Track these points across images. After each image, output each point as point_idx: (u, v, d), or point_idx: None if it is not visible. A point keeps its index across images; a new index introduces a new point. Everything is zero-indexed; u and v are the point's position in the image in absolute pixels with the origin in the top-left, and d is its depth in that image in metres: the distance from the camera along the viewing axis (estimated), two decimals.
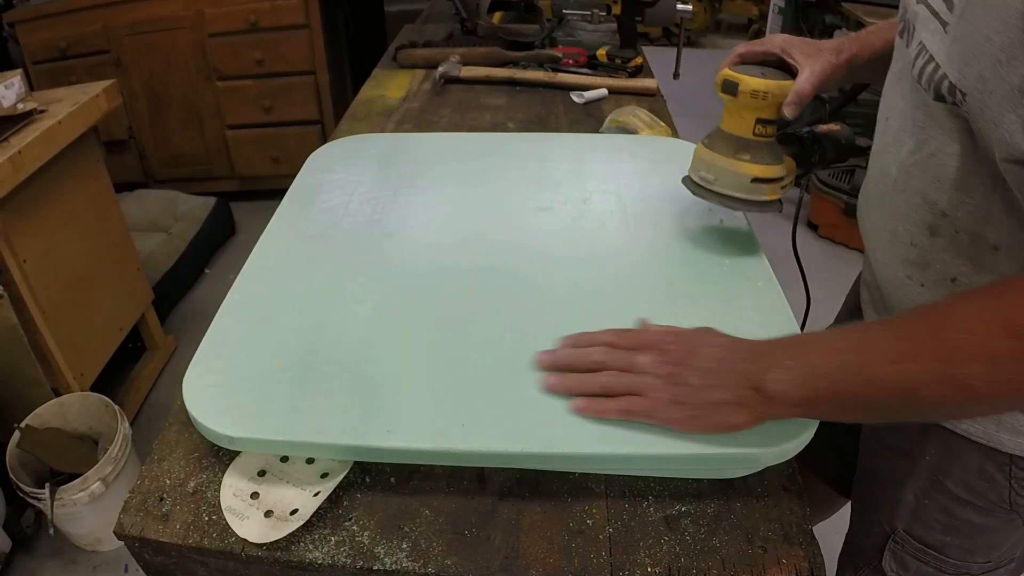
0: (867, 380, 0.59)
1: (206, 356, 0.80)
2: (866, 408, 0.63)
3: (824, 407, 0.63)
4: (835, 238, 3.04)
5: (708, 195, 0.91)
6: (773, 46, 0.89)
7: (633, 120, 1.36)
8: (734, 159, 0.88)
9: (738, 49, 0.90)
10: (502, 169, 1.17)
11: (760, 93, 0.84)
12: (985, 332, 0.56)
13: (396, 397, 0.73)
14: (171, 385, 2.36)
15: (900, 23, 0.77)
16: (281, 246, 0.99)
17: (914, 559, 0.89)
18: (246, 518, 0.67)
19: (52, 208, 1.84)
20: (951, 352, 0.57)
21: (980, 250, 0.68)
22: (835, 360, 0.61)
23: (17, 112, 1.69)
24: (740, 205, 0.89)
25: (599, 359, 0.71)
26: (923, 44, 0.66)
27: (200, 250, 2.89)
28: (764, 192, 0.89)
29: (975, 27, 0.58)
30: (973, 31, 0.58)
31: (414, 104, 1.65)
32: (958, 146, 0.66)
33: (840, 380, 0.60)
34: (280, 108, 3.11)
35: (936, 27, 0.64)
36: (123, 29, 2.90)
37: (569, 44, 1.93)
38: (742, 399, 0.63)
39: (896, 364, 0.58)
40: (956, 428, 0.79)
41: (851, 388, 0.60)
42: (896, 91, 0.76)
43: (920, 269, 0.75)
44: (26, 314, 1.73)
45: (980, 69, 0.58)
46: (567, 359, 0.73)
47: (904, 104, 0.73)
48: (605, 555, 0.65)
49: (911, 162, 0.72)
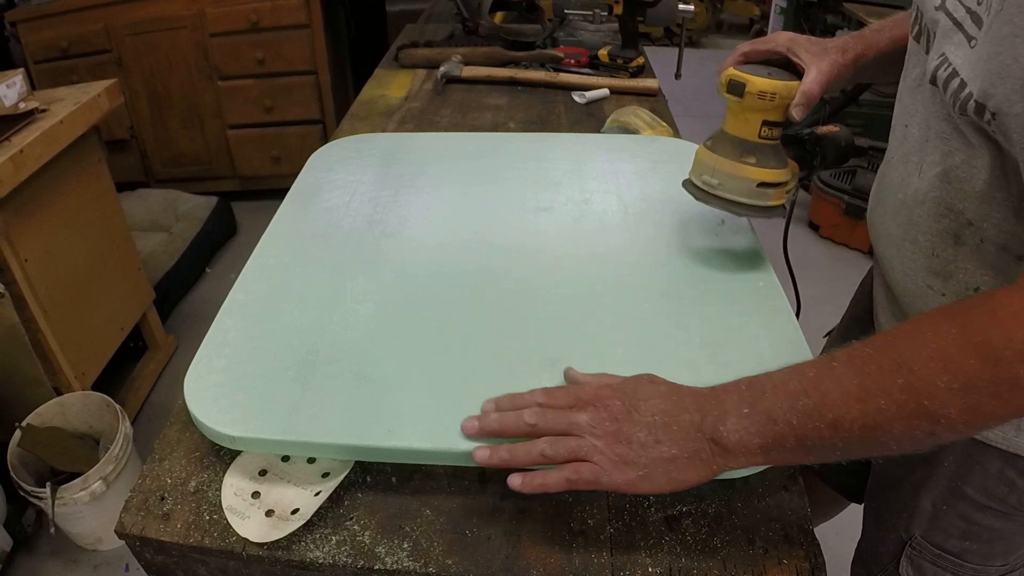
0: (831, 423, 0.55)
1: (207, 355, 0.80)
2: (832, 450, 0.57)
3: (787, 453, 0.58)
4: (836, 238, 3.04)
5: (711, 200, 0.89)
6: (778, 45, 0.86)
7: (634, 120, 1.36)
8: (739, 163, 0.86)
9: (742, 48, 0.88)
10: (503, 169, 1.17)
11: (768, 94, 0.82)
12: (957, 358, 0.52)
13: (397, 397, 0.74)
14: (172, 384, 2.36)
15: (915, 26, 0.75)
16: (282, 246, 0.99)
17: (932, 565, 0.88)
18: (247, 517, 0.67)
19: (53, 207, 1.84)
20: (921, 383, 0.53)
21: (1005, 261, 0.67)
22: (792, 404, 0.57)
23: (19, 111, 1.69)
24: (745, 211, 0.87)
25: (533, 422, 0.64)
26: (945, 56, 0.65)
27: (201, 250, 2.89)
28: (770, 197, 0.87)
29: (1002, 47, 0.57)
30: (1000, 51, 0.57)
31: (415, 104, 1.65)
32: (987, 159, 0.64)
33: (801, 425, 0.56)
34: (281, 108, 3.11)
35: (960, 40, 0.63)
36: (124, 29, 2.91)
37: (570, 44, 1.93)
38: (695, 452, 0.59)
39: (862, 402, 0.54)
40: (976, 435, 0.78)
41: (814, 432, 0.56)
42: (915, 98, 0.75)
43: (942, 279, 0.74)
44: (27, 313, 1.73)
45: (1007, 91, 0.57)
46: (498, 425, 0.66)
47: (925, 113, 0.72)
48: (606, 555, 0.65)
49: (934, 173, 0.71)
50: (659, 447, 0.59)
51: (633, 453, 0.60)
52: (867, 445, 0.57)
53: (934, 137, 0.70)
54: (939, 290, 0.74)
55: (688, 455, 0.59)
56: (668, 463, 0.59)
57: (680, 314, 0.85)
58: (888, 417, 0.54)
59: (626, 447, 0.60)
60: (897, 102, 0.81)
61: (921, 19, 0.73)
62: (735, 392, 0.60)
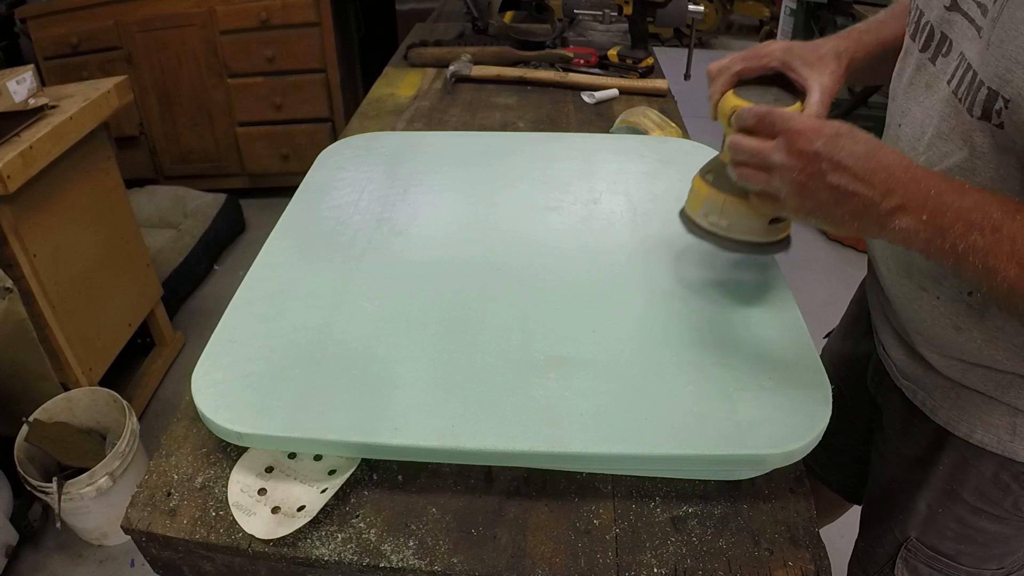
0: (988, 268, 0.58)
1: (215, 352, 0.80)
2: (969, 282, 0.65)
3: (932, 256, 0.62)
4: (845, 241, 3.03)
5: (721, 242, 0.82)
6: (773, 59, 0.81)
7: (644, 121, 1.36)
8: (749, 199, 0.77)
9: (734, 67, 0.81)
10: (512, 168, 1.17)
11: None
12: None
13: (404, 395, 0.74)
14: (179, 381, 2.37)
15: (913, 25, 0.75)
16: (290, 243, 0.99)
17: (927, 567, 0.88)
18: (253, 514, 0.67)
19: (62, 203, 1.85)
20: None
21: None
22: (965, 233, 0.58)
23: (28, 107, 1.70)
24: (757, 250, 0.82)
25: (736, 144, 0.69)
26: (963, 55, 0.65)
27: (209, 247, 2.90)
28: (780, 231, 0.82)
29: (1019, 31, 0.57)
30: (1017, 35, 0.57)
31: (424, 103, 1.65)
32: (988, 160, 0.64)
33: (962, 254, 0.59)
34: (290, 106, 3.11)
35: (973, 34, 0.63)
36: (134, 26, 2.91)
37: (580, 44, 1.93)
38: (863, 223, 0.63)
39: (1021, 267, 0.57)
40: (971, 438, 0.78)
41: (969, 265, 0.59)
42: (909, 97, 0.75)
43: (935, 282, 0.74)
44: (36, 309, 1.74)
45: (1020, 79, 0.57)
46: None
47: (921, 112, 0.72)
48: (611, 555, 0.65)
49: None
50: (835, 210, 0.63)
51: (812, 207, 0.64)
52: (1005, 303, 0.61)
53: (932, 137, 0.70)
54: (933, 292, 0.75)
55: (857, 223, 0.63)
56: (836, 221, 0.64)
57: (688, 314, 0.85)
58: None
59: (808, 200, 0.64)
60: (891, 100, 0.80)
61: (921, 18, 0.73)
62: (924, 191, 0.60)
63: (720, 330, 0.82)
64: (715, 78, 0.83)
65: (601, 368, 0.77)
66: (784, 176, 0.64)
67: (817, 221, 0.65)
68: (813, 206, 0.64)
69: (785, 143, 0.64)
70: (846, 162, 0.61)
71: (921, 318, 0.78)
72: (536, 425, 0.70)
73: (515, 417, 0.71)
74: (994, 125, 0.61)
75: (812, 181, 0.62)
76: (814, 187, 0.63)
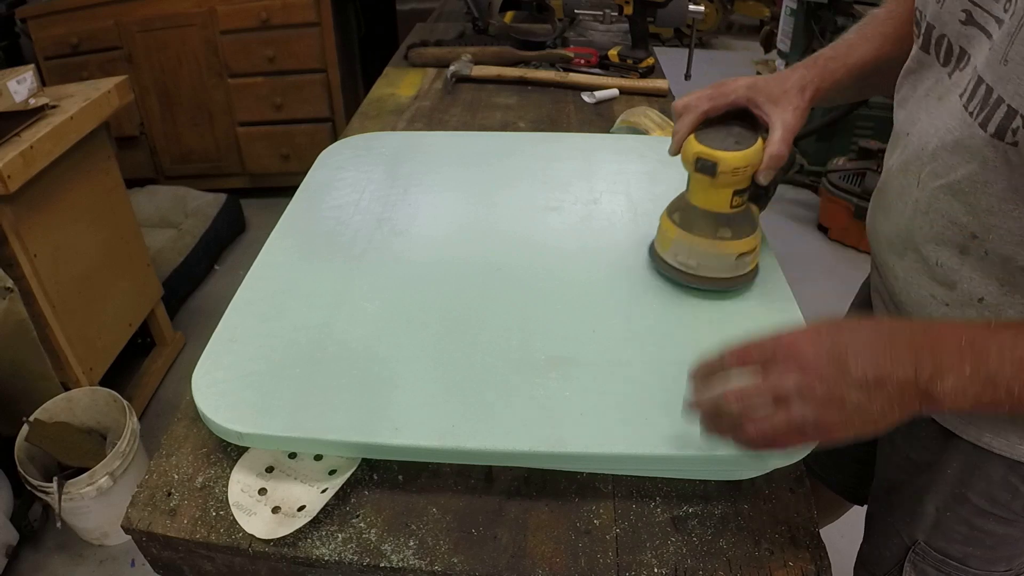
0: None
1: (215, 352, 0.80)
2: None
3: (993, 411, 0.58)
4: (845, 241, 3.02)
5: (691, 279, 0.86)
6: (738, 96, 0.83)
7: (644, 121, 1.36)
8: (715, 239, 0.83)
9: (701, 106, 0.82)
10: (512, 168, 1.17)
11: (741, 169, 0.78)
12: None
13: (404, 395, 0.74)
14: (180, 381, 2.37)
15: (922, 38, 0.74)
16: (291, 243, 0.99)
17: (935, 570, 0.88)
18: (253, 514, 0.67)
19: (63, 203, 1.85)
20: None
21: (1010, 271, 0.67)
22: (1018, 372, 0.54)
23: (29, 107, 1.70)
24: (725, 284, 0.86)
25: (736, 411, 0.60)
26: (976, 69, 0.64)
27: (210, 247, 2.90)
28: (747, 264, 0.86)
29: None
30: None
31: (425, 103, 1.65)
32: (999, 173, 0.63)
33: (1021, 394, 0.54)
34: (291, 105, 3.11)
35: (988, 49, 0.62)
36: (135, 25, 2.91)
37: (581, 44, 1.93)
38: (905, 408, 0.57)
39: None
40: (979, 441, 0.77)
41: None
42: (921, 107, 0.74)
43: (946, 289, 0.73)
44: (36, 308, 1.74)
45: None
46: (708, 420, 0.63)
47: (931, 125, 0.71)
48: (612, 555, 0.65)
49: (936, 185, 0.70)
50: (872, 406, 0.56)
51: (847, 417, 0.57)
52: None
53: (939, 149, 0.69)
54: (942, 299, 0.74)
55: (899, 412, 0.57)
56: (878, 420, 0.57)
57: (689, 315, 0.85)
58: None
59: (838, 411, 0.57)
60: (900, 109, 0.80)
61: (932, 31, 0.72)
62: (954, 345, 0.57)
63: (723, 330, 0.82)
64: (681, 115, 0.84)
65: (601, 368, 0.77)
66: (805, 396, 0.57)
67: (857, 432, 0.58)
68: (847, 415, 0.57)
69: (792, 364, 0.58)
70: (863, 351, 0.57)
71: None
72: (536, 425, 0.70)
73: (515, 417, 0.71)
74: (1008, 143, 0.60)
75: (837, 388, 0.56)
76: (841, 393, 0.56)
